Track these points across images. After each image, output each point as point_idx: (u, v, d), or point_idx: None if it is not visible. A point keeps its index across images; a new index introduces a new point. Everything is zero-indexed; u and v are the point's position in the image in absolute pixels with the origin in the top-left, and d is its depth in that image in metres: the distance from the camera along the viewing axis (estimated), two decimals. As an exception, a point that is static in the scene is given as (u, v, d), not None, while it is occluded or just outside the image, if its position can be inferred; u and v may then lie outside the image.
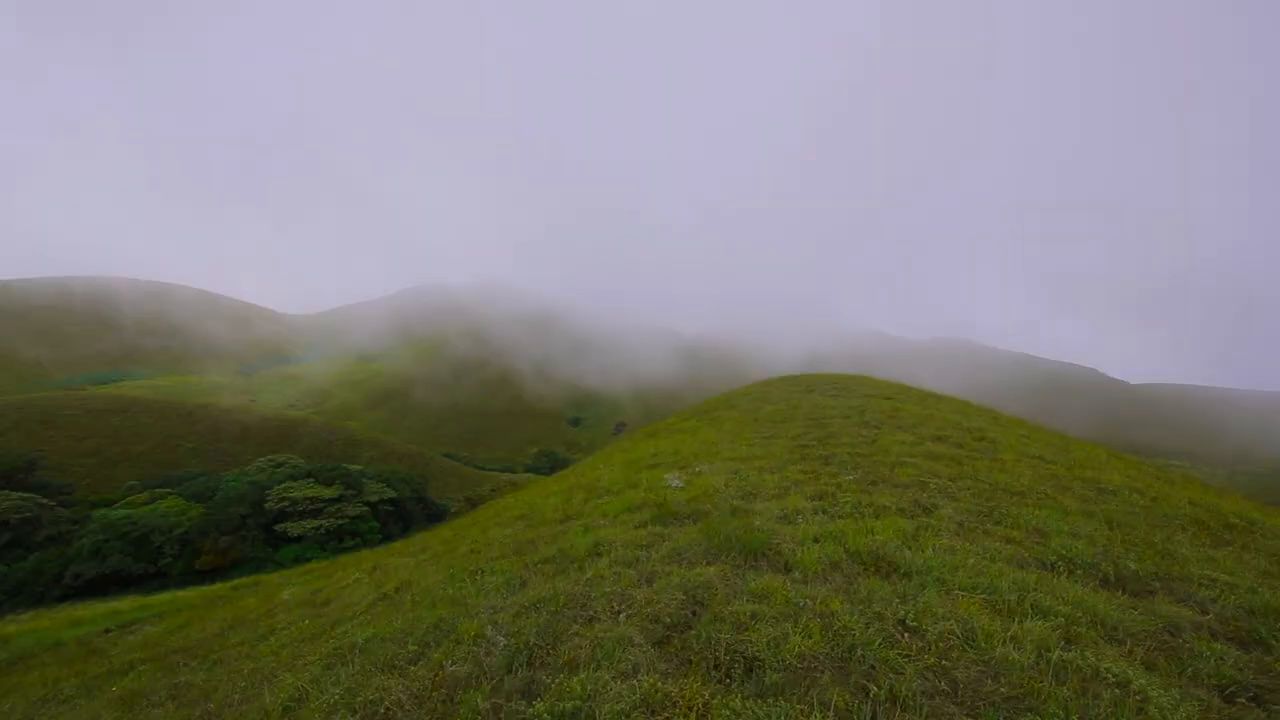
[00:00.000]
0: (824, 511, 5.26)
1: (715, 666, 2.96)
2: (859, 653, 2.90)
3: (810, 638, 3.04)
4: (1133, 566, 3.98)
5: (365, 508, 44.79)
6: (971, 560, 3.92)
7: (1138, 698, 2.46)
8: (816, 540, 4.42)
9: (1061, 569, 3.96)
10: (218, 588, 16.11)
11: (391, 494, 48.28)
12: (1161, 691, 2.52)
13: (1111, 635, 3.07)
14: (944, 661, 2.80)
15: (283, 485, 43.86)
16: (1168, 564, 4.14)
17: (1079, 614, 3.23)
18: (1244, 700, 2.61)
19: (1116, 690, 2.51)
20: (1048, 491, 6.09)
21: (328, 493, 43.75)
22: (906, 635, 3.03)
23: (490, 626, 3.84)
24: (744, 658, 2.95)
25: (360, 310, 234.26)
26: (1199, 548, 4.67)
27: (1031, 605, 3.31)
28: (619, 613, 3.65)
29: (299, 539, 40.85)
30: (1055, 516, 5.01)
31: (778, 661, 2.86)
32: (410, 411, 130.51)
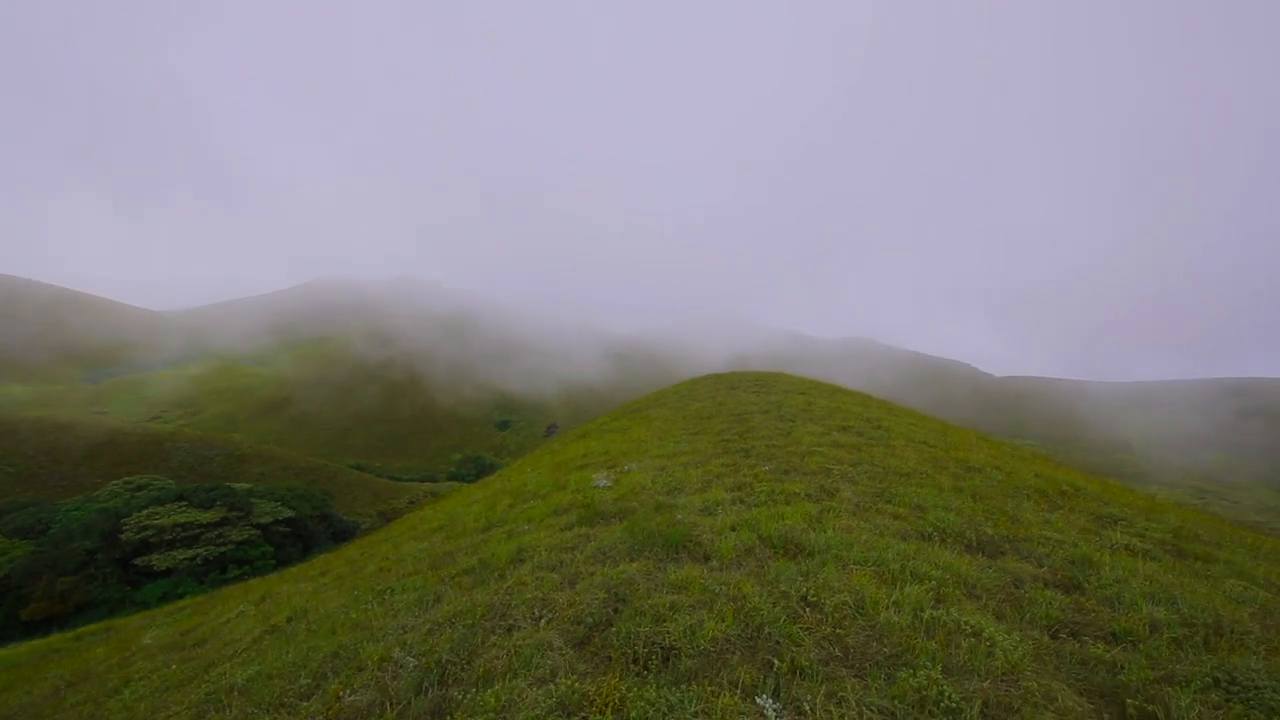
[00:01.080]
0: (742, 501, 5.55)
1: (634, 660, 3.00)
2: (766, 631, 3.09)
3: (723, 621, 3.19)
4: (989, 532, 4.65)
5: (255, 531, 39.50)
6: (864, 537, 4.35)
7: (988, 643, 2.88)
8: (733, 529, 4.64)
9: (936, 538, 4.52)
10: (55, 639, 13.36)
11: (288, 513, 43.08)
12: (1005, 636, 2.96)
13: (971, 592, 3.57)
14: (838, 630, 3.07)
15: (145, 512, 37.29)
16: (1016, 527, 4.89)
17: (948, 576, 3.70)
18: (1065, 635, 3.15)
19: (973, 639, 2.91)
20: (928, 472, 6.93)
21: (205, 517, 37.94)
22: (808, 610, 3.28)
23: (399, 648, 3.57)
24: (661, 648, 3.02)
25: (237, 308, 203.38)
26: (1039, 512, 5.57)
27: (911, 572, 3.74)
28: (540, 618, 3.57)
29: (168, 573, 34.96)
30: (933, 493, 5.71)
31: (693, 648, 2.97)
32: (310, 420, 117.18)
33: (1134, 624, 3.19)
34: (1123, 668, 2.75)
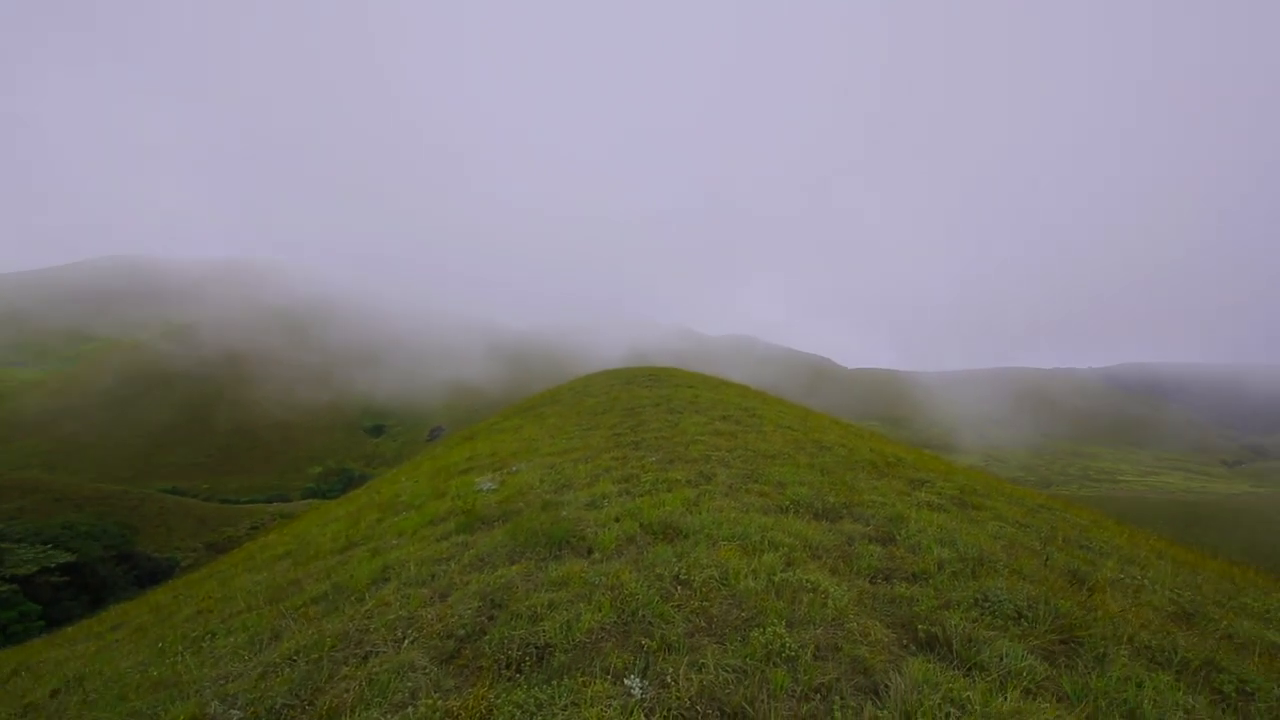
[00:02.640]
0: (628, 492, 5.70)
1: (507, 665, 2.90)
2: (640, 614, 3.22)
3: (600, 611, 3.24)
4: (832, 500, 5.42)
5: (8, 586, 29.90)
6: (733, 515, 4.76)
7: (823, 596, 3.35)
8: (617, 520, 4.75)
9: (791, 510, 5.14)
10: None
11: (65, 557, 33.20)
12: (837, 587, 3.48)
13: (815, 554, 4.12)
14: (705, 603, 3.32)
15: None
16: (852, 495, 5.77)
17: (797, 543, 4.23)
18: (880, 580, 3.80)
19: (811, 594, 3.36)
20: (790, 452, 7.84)
21: (-85, 580, 27.75)
22: (679, 588, 3.49)
23: (217, 702, 2.99)
24: (536, 648, 2.97)
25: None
26: (870, 480, 6.65)
27: (769, 542, 4.19)
28: (403, 639, 3.27)
29: None
30: (791, 471, 6.48)
31: (568, 642, 2.97)
32: (97, 439, 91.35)
33: (928, 564, 3.96)
34: (917, 600, 3.40)
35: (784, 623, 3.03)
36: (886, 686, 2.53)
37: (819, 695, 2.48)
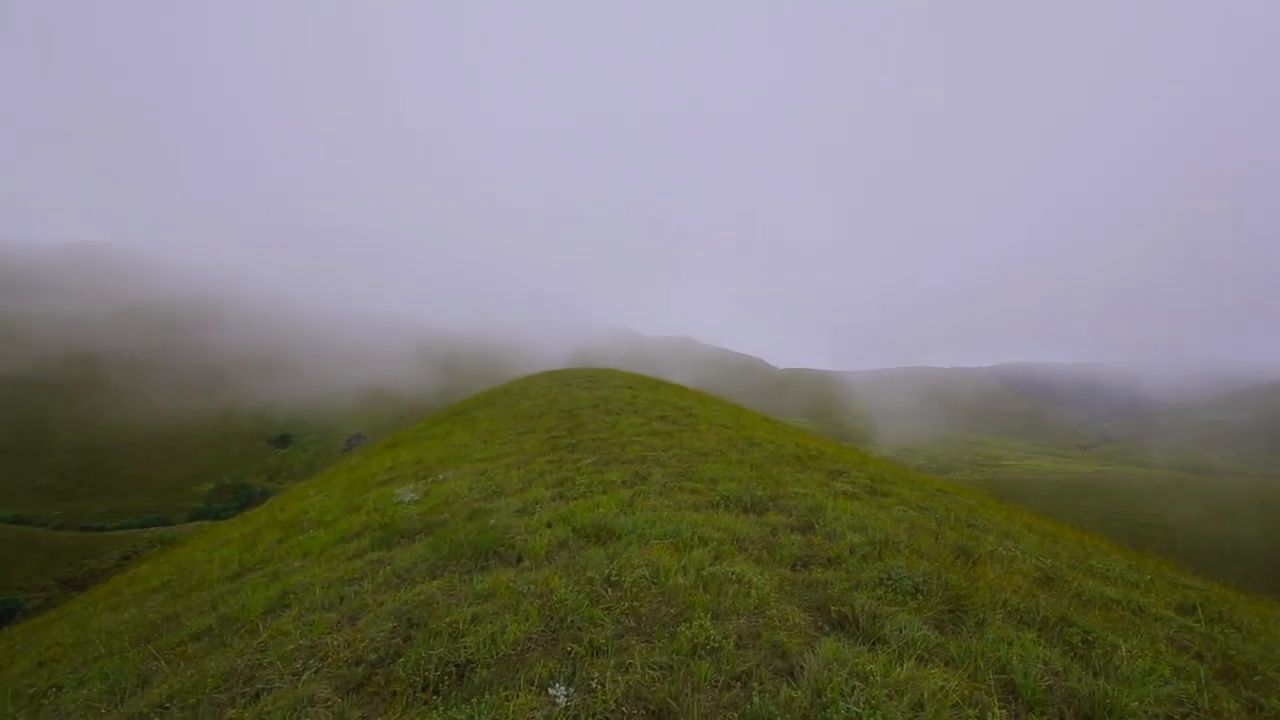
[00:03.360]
0: (562, 496, 5.60)
1: (424, 687, 2.72)
2: (569, 619, 3.16)
3: (528, 621, 3.14)
4: (759, 494, 5.68)
5: None
6: (666, 513, 4.84)
7: (747, 586, 3.49)
8: (549, 525, 4.64)
9: (721, 505, 5.32)
10: None
11: None
12: (760, 577, 3.64)
13: (742, 546, 4.29)
14: (635, 603, 3.33)
15: None
16: (778, 487, 6.09)
17: (726, 536, 4.38)
18: (800, 567, 4.04)
19: (736, 585, 3.49)
20: (723, 450, 8.13)
21: None
22: (610, 590, 3.48)
23: (59, 767, 2.52)
24: (456, 665, 2.81)
25: None
26: (794, 473, 7.06)
27: (699, 538, 4.30)
28: (303, 671, 2.96)
29: None
30: (723, 467, 6.72)
31: (491, 656, 2.84)
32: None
33: (841, 549, 4.27)
34: (831, 583, 3.65)
35: (710, 616, 3.12)
36: (801, 667, 2.68)
37: (740, 683, 2.57)
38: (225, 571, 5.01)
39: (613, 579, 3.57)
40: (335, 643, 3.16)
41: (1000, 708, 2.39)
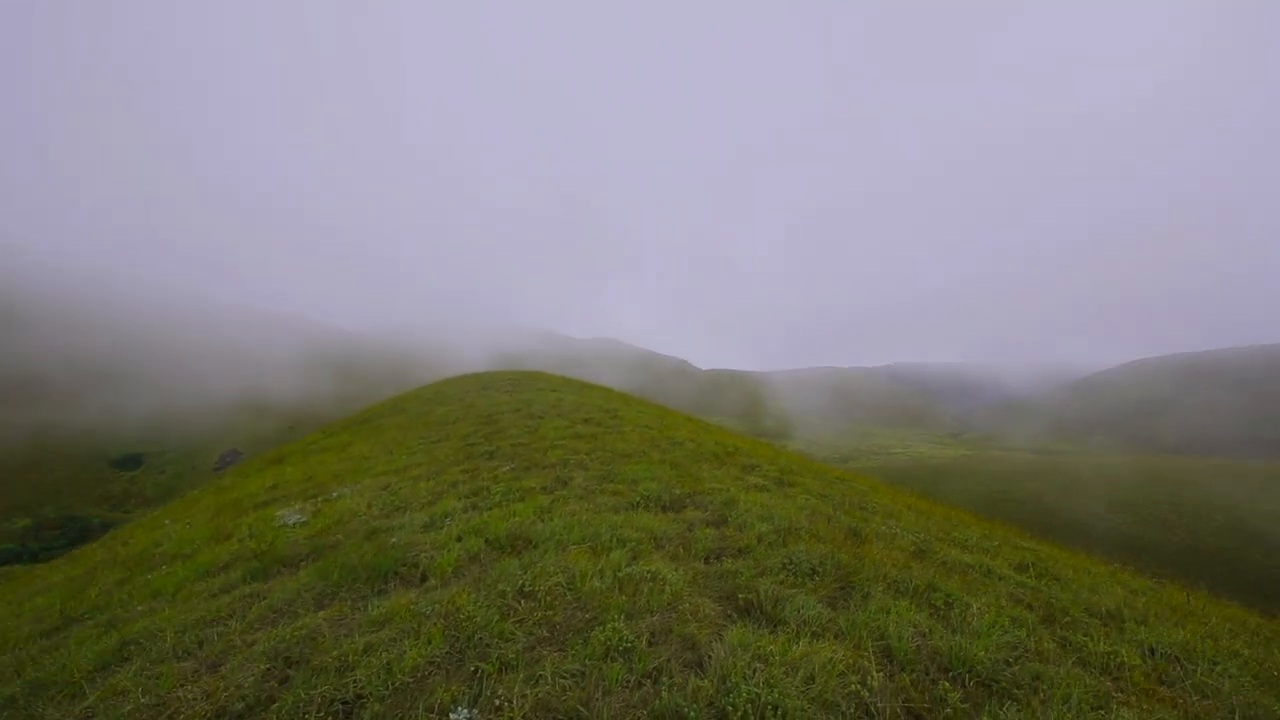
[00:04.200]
0: (475, 507, 5.32)
1: (303, 732, 2.42)
2: (477, 637, 3.00)
3: (430, 644, 2.93)
4: (678, 492, 5.85)
5: None
6: (585, 517, 4.80)
7: (662, 583, 3.57)
8: (459, 539, 4.39)
9: (642, 505, 5.39)
10: None
11: None
12: (674, 572, 3.74)
13: (659, 544, 4.38)
14: (549, 612, 3.25)
15: None
16: (696, 484, 6.31)
17: (644, 536, 4.44)
18: (713, 560, 4.21)
19: (652, 583, 3.55)
20: (646, 450, 8.25)
21: None
22: (523, 601, 3.36)
23: None
24: (343, 703, 2.54)
25: None
26: (712, 470, 7.36)
27: (618, 539, 4.32)
28: (145, 732, 2.50)
29: None
30: (645, 468, 6.82)
31: (385, 688, 2.61)
32: None
33: (750, 539, 4.52)
34: (740, 573, 3.85)
35: (624, 616, 3.14)
36: (710, 657, 2.79)
37: (650, 680, 2.61)
38: (41, 626, 4.07)
39: (526, 589, 3.46)
40: (190, 695, 2.71)
41: (878, 670, 2.67)
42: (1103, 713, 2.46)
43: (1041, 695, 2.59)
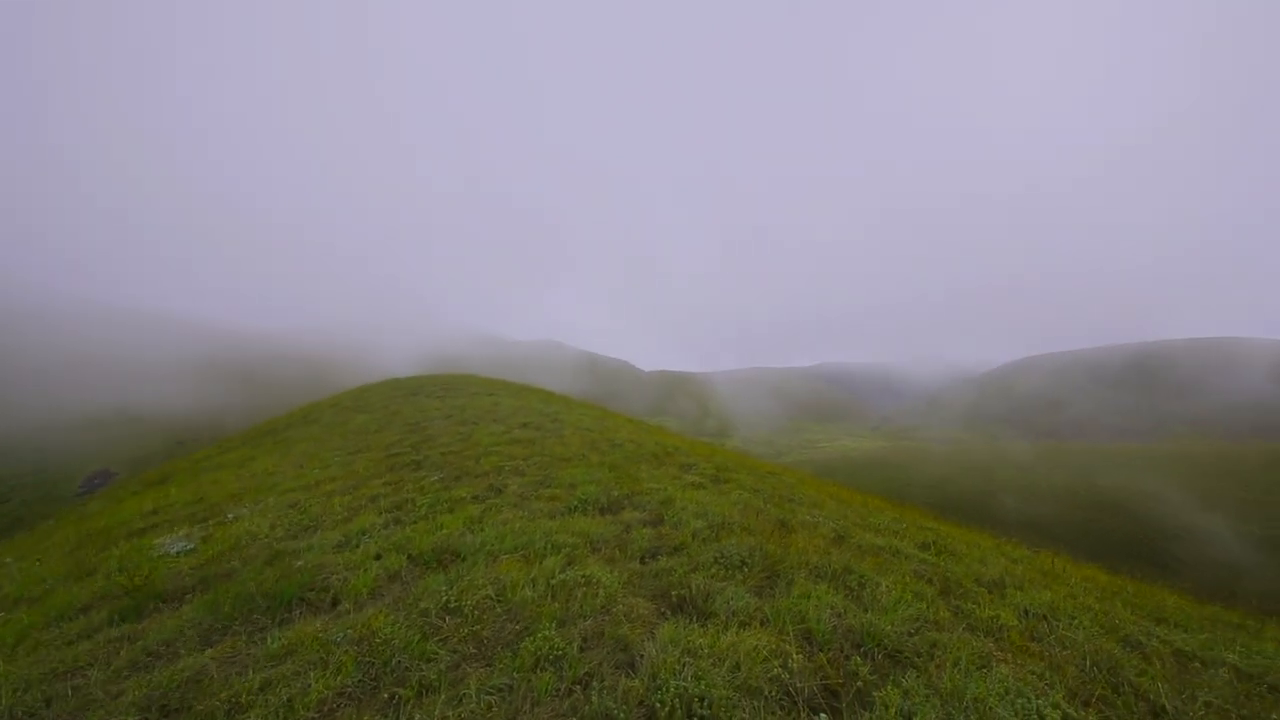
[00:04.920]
0: (398, 522, 4.98)
1: (181, 789, 2.12)
2: (395, 661, 2.80)
3: (340, 673, 2.69)
4: (616, 494, 5.85)
5: None
6: (519, 524, 4.65)
7: (596, 586, 3.54)
8: (379, 556, 4.08)
9: (579, 509, 5.33)
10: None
11: None
12: (609, 575, 3.73)
13: (595, 548, 4.35)
14: (476, 627, 3.11)
15: None
16: (635, 485, 6.35)
17: (580, 540, 4.39)
18: (649, 559, 4.25)
19: (585, 587, 3.52)
20: (584, 453, 8.18)
21: None
22: (448, 619, 3.19)
23: None
24: (231, 751, 2.26)
25: None
26: (651, 470, 7.44)
27: (552, 545, 4.24)
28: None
29: None
30: (584, 471, 6.75)
31: (286, 727, 2.36)
32: None
33: (685, 536, 4.62)
34: (674, 570, 3.92)
35: (556, 624, 3.08)
36: (642, 656, 2.80)
37: (581, 686, 2.58)
38: None
39: (452, 605, 3.29)
40: (30, 766, 2.28)
41: (798, 653, 2.83)
42: (985, 671, 2.78)
43: (937, 661, 2.88)
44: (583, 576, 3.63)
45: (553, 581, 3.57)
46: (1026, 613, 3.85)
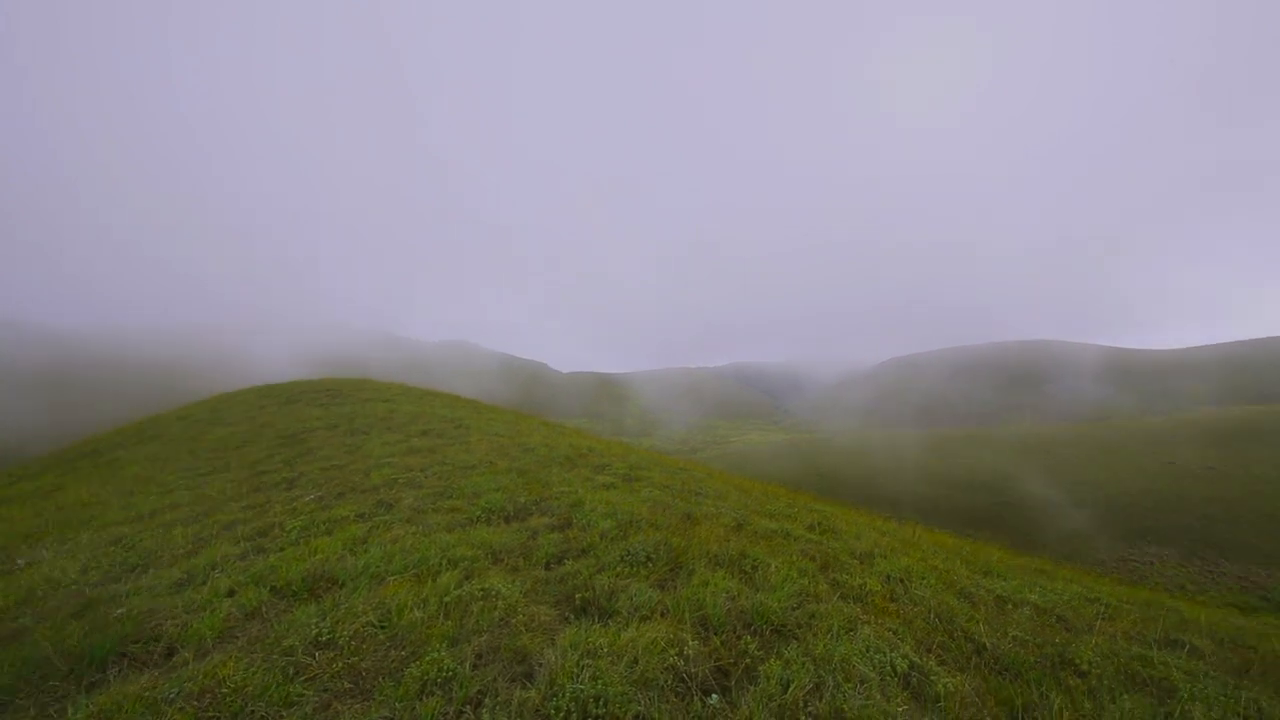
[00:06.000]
0: (260, 550, 4.33)
1: None
2: (248, 710, 2.42)
3: (171, 736, 2.26)
4: (524, 500, 5.66)
5: None
6: (411, 541, 4.29)
7: (495, 598, 3.39)
8: (231, 593, 3.50)
9: (482, 519, 5.06)
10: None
11: None
12: (510, 585, 3.59)
13: (497, 558, 4.15)
14: (354, 659, 2.80)
15: None
16: (544, 490, 6.19)
17: (480, 552, 4.17)
18: (554, 564, 4.16)
19: (483, 601, 3.34)
20: (493, 460, 7.80)
21: None
22: (319, 654, 2.83)
23: None
24: None
25: None
26: (563, 473, 7.32)
27: (449, 560, 3.97)
28: None
29: None
30: (489, 479, 6.44)
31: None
32: None
33: (594, 538, 4.60)
34: (580, 573, 3.88)
35: (447, 644, 2.88)
36: (541, 665, 2.73)
37: (472, 706, 2.43)
38: None
39: (324, 638, 2.93)
40: None
41: (694, 639, 2.96)
42: (852, 633, 3.13)
43: (814, 630, 3.18)
44: (481, 590, 3.44)
45: (446, 599, 3.34)
46: (888, 578, 4.42)
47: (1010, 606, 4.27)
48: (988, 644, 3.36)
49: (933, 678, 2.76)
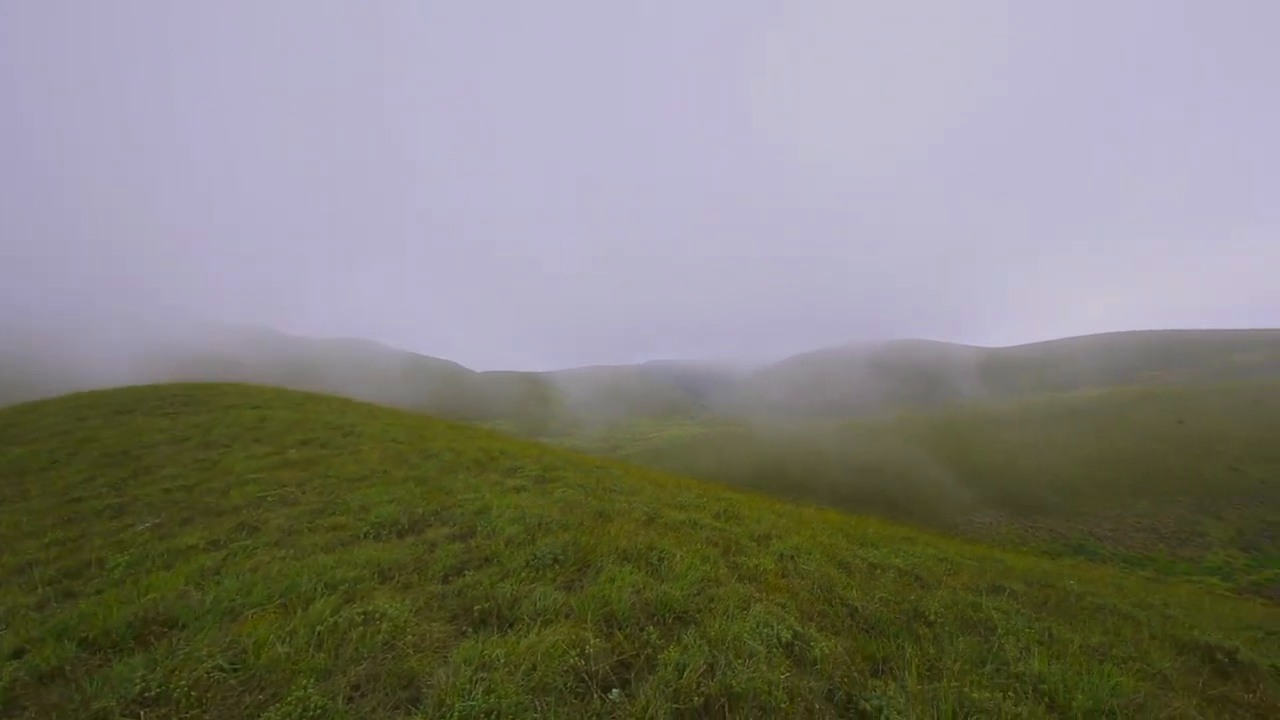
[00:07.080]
0: (68, 595, 3.51)
1: None
2: (30, 801, 1.93)
3: None
4: (421, 510, 5.23)
5: None
6: (278, 567, 3.76)
7: (379, 620, 3.07)
8: (19, 654, 2.78)
9: (371, 535, 4.59)
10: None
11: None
12: (398, 604, 3.28)
13: (386, 576, 3.78)
14: (193, 712, 2.37)
15: None
16: (446, 498, 5.79)
17: (366, 572, 3.77)
18: (454, 577, 3.89)
19: (365, 626, 3.02)
20: (388, 469, 7.13)
21: None
22: (144, 711, 2.35)
23: None
24: None
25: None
26: (469, 479, 6.91)
27: (326, 583, 3.53)
28: None
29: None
30: (382, 490, 5.87)
31: None
32: None
33: (498, 545, 4.39)
34: (480, 583, 3.68)
35: (317, 678, 2.55)
36: (430, 686, 2.53)
37: (343, 744, 2.18)
38: None
39: (153, 693, 2.44)
40: None
41: (596, 637, 2.94)
42: (746, 611, 3.34)
43: (713, 612, 3.33)
44: (362, 614, 3.10)
45: (319, 628, 2.96)
46: (781, 556, 4.79)
47: (879, 571, 4.86)
48: (859, 607, 3.78)
49: (812, 644, 3.03)
